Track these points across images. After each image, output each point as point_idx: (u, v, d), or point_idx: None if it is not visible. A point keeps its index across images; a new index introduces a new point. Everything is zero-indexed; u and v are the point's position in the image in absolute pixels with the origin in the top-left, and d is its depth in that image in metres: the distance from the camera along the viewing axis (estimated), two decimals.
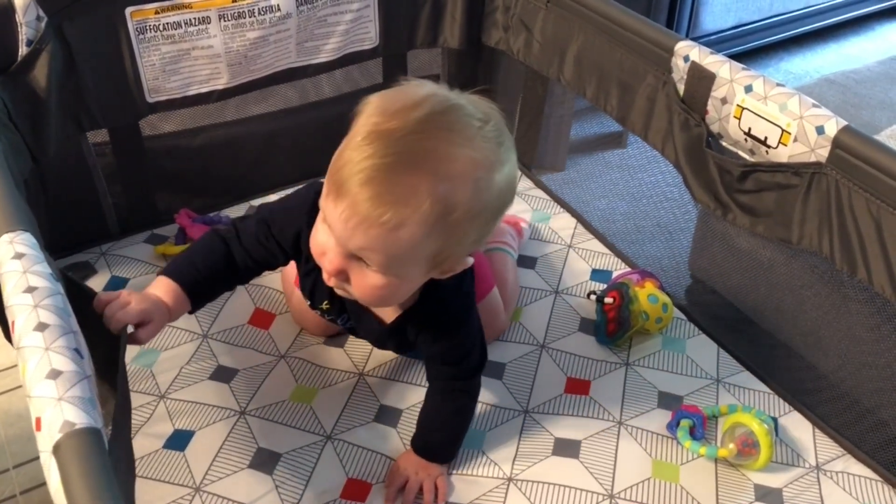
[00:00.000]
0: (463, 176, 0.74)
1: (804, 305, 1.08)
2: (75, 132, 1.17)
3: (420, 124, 0.73)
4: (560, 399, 1.06)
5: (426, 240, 0.75)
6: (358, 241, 0.75)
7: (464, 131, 0.75)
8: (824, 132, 0.94)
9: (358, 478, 0.95)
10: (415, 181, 0.72)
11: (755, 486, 0.96)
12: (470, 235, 0.78)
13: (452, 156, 0.74)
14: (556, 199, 1.42)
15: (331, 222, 0.76)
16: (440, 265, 0.80)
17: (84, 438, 0.57)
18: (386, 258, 0.76)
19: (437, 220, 0.73)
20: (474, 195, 0.75)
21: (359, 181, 0.72)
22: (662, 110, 1.13)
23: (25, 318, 0.65)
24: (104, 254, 1.26)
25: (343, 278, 0.80)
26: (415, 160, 0.72)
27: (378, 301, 0.85)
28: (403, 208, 0.72)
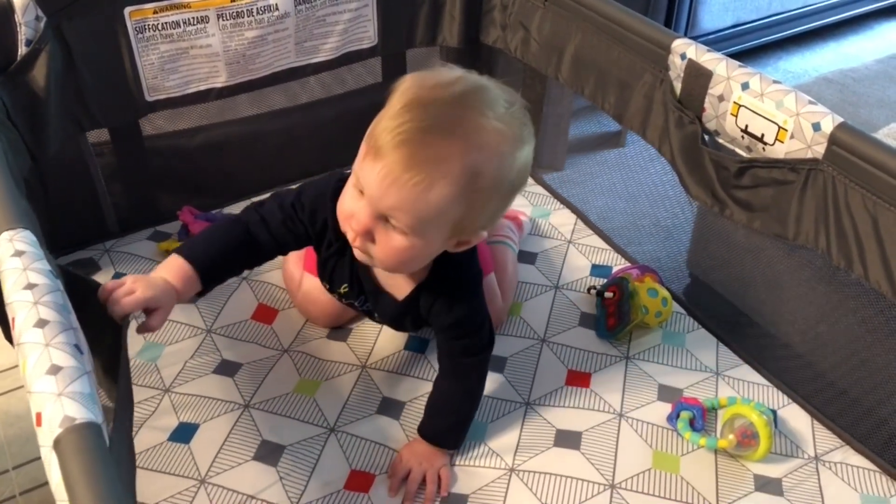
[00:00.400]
0: (491, 147, 0.80)
1: (802, 302, 1.08)
2: (75, 132, 1.18)
3: (455, 97, 0.80)
4: (561, 391, 1.07)
5: (453, 204, 0.80)
6: (390, 199, 0.79)
7: (494, 107, 0.81)
8: (821, 129, 0.94)
9: (361, 469, 0.96)
10: (448, 146, 0.78)
11: (755, 476, 0.97)
12: (490, 206, 0.84)
13: (484, 127, 0.79)
14: (555, 196, 1.43)
15: (366, 182, 0.80)
16: (460, 233, 0.85)
17: (84, 433, 0.57)
18: (414, 219, 0.80)
19: (466, 184, 0.79)
20: (499, 166, 0.81)
21: (397, 143, 0.77)
22: (659, 108, 1.14)
23: (25, 315, 0.65)
24: (108, 251, 1.27)
25: (369, 238, 0.83)
26: (449, 127, 0.78)
27: (398, 264, 0.86)
28: (436, 171, 0.77)
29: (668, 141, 1.13)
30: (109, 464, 0.56)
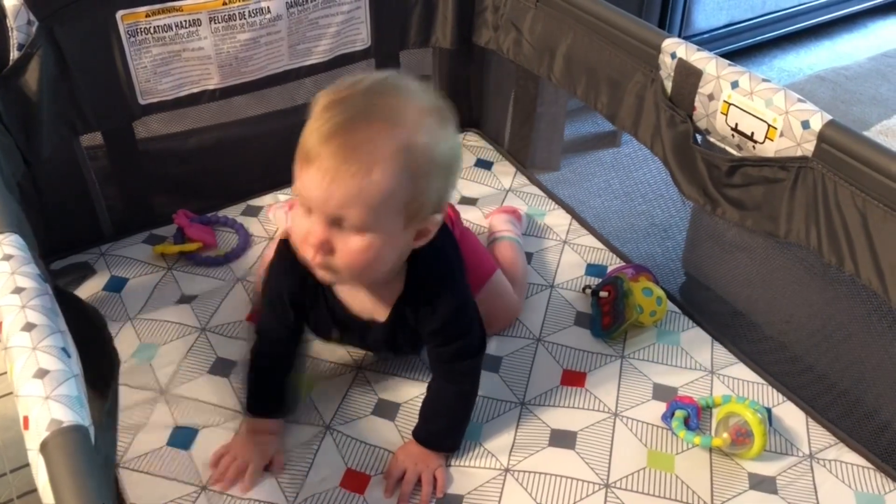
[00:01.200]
0: (415, 122, 0.81)
1: (795, 300, 1.08)
2: (68, 135, 1.18)
3: (367, 87, 0.82)
4: (556, 391, 1.07)
5: (396, 184, 0.79)
6: (336, 197, 0.78)
7: (407, 90, 0.83)
8: (810, 126, 0.94)
9: (357, 469, 0.96)
10: (373, 131, 0.79)
11: (749, 474, 0.97)
12: (434, 184, 0.83)
13: (402, 107, 0.81)
14: (550, 196, 1.43)
15: (308, 191, 0.80)
16: (414, 219, 0.84)
17: (71, 436, 0.57)
18: (364, 211, 0.79)
19: (402, 162, 0.79)
20: (429, 140, 0.81)
21: (324, 139, 0.78)
22: (651, 107, 1.14)
23: (13, 319, 0.65)
24: (103, 254, 1.27)
25: (328, 251, 0.82)
26: (369, 114, 0.79)
27: (364, 268, 0.84)
28: (368, 155, 0.78)
29: (660, 140, 1.13)
30: (96, 466, 0.56)
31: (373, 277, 0.90)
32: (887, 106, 2.11)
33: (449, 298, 0.93)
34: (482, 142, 1.56)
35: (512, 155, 1.52)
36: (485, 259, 1.15)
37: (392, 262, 0.87)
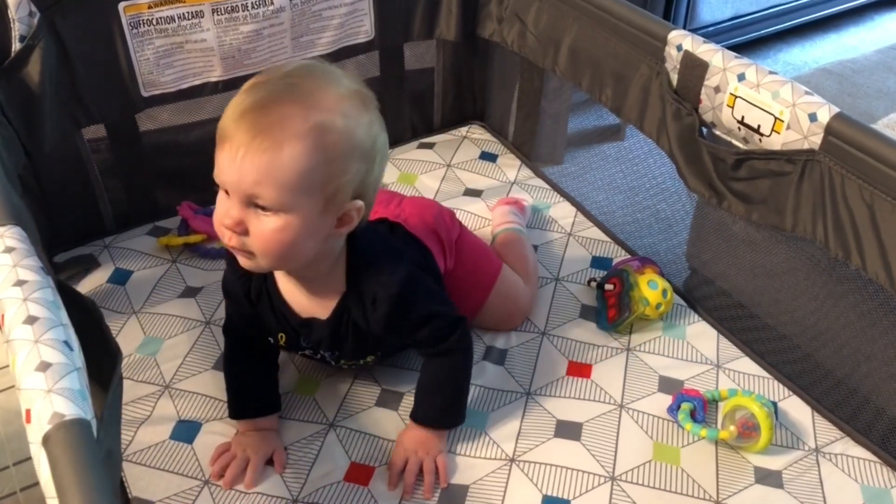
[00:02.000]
0: (333, 106, 0.80)
1: (800, 295, 1.08)
2: (71, 128, 1.17)
3: (289, 72, 0.83)
4: (562, 382, 1.07)
5: (309, 164, 0.79)
6: (249, 174, 0.78)
7: (330, 77, 0.83)
8: (817, 119, 0.93)
9: (361, 462, 0.96)
10: (289, 109, 0.79)
11: (755, 468, 0.97)
12: (352, 167, 0.82)
13: (321, 91, 0.81)
14: (555, 188, 1.42)
15: (223, 172, 0.80)
16: (332, 202, 0.82)
17: (73, 430, 0.57)
18: (277, 188, 0.78)
19: (315, 141, 0.79)
20: (346, 124, 0.81)
21: (235, 118, 0.79)
22: (656, 100, 1.13)
23: (15, 312, 0.65)
24: (107, 246, 1.27)
25: (242, 230, 0.81)
26: (286, 94, 0.80)
27: (280, 251, 0.82)
28: (282, 132, 0.78)
29: (665, 133, 1.12)
30: (98, 460, 0.56)
31: (293, 263, 0.87)
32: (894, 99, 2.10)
33: (388, 289, 0.89)
34: (487, 134, 1.55)
35: (517, 147, 1.52)
36: (489, 259, 1.14)
37: (313, 249, 0.85)
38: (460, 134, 1.55)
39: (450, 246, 1.09)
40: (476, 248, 1.14)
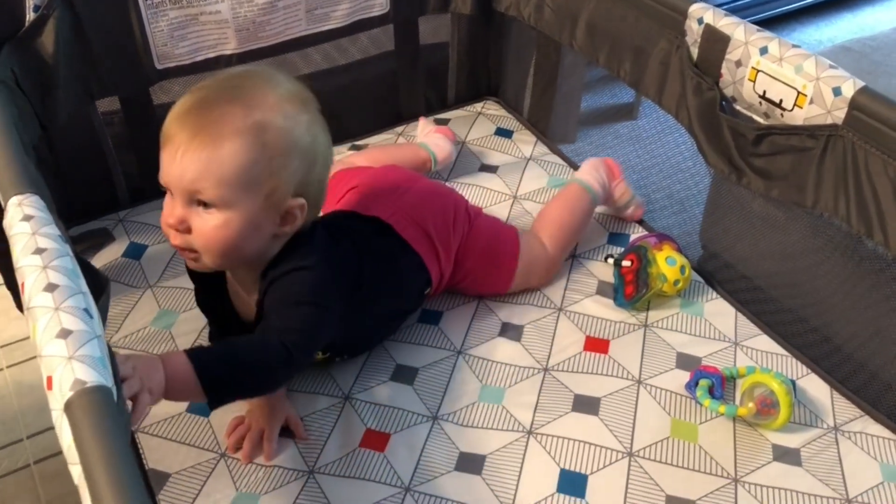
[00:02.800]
0: (273, 106, 0.83)
1: (819, 276, 1.07)
2: (85, 100, 1.17)
3: (231, 76, 0.87)
4: (579, 357, 1.06)
5: (249, 160, 0.81)
6: (189, 171, 0.80)
7: (270, 79, 0.86)
8: (841, 93, 0.92)
9: (376, 429, 0.96)
10: (229, 108, 0.81)
11: (773, 445, 0.96)
12: (293, 165, 0.84)
13: (261, 92, 0.84)
14: (571, 165, 1.41)
15: (166, 172, 0.82)
16: (274, 198, 0.84)
17: (95, 396, 0.57)
18: (216, 183, 0.80)
19: (254, 138, 0.81)
20: (285, 123, 0.83)
21: (180, 120, 0.82)
22: (676, 74, 1.12)
23: (35, 279, 0.64)
24: (121, 220, 1.27)
25: (185, 229, 0.83)
26: (227, 95, 0.83)
27: (222, 247, 0.83)
28: (220, 129, 0.80)
29: (685, 108, 1.11)
30: (120, 426, 0.55)
31: (236, 260, 0.87)
32: None
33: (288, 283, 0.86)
34: (502, 110, 1.54)
35: (532, 124, 1.50)
36: (505, 236, 1.13)
37: (256, 247, 0.86)
38: (475, 110, 1.54)
39: (447, 251, 1.07)
40: (489, 228, 1.13)
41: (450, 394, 1.01)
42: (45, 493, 1.27)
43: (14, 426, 1.37)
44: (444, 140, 1.33)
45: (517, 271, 1.12)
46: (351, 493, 0.89)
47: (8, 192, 0.73)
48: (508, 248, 1.12)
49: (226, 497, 0.89)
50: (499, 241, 1.12)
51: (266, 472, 0.91)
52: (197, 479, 0.91)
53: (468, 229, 1.10)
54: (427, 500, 0.89)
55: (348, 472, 0.91)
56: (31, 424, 1.37)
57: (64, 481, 1.27)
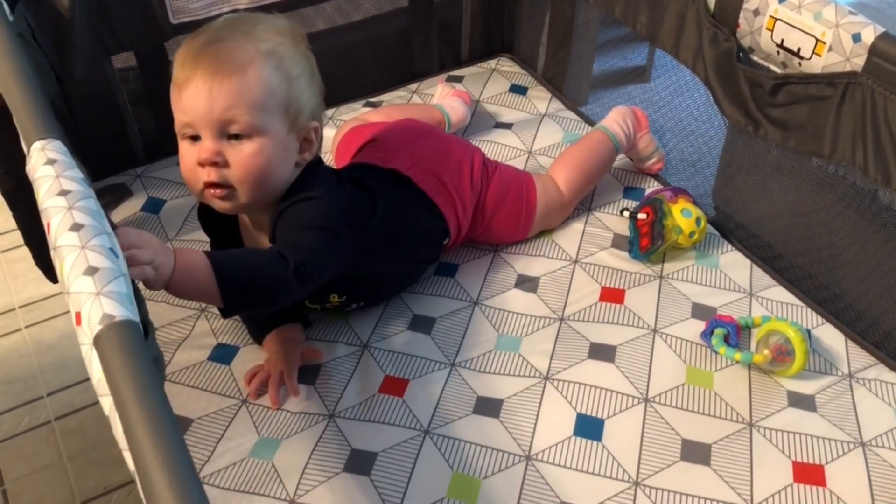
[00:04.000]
0: (274, 38, 0.87)
1: (829, 232, 1.06)
2: (100, 54, 1.17)
3: (225, 19, 0.89)
4: (595, 307, 1.07)
5: (273, 82, 0.84)
6: (220, 102, 0.82)
7: (264, 19, 0.89)
8: (861, 40, 0.91)
9: (395, 375, 0.97)
10: (238, 42, 0.84)
11: (788, 392, 0.97)
12: (304, 85, 0.88)
13: (261, 25, 0.87)
14: (586, 120, 1.41)
15: (189, 113, 0.83)
16: (295, 122, 0.87)
17: (123, 330, 0.57)
18: (249, 109, 0.83)
19: (273, 62, 0.85)
20: (293, 52, 0.87)
21: (192, 62, 0.83)
22: (692, 26, 1.11)
23: (60, 220, 0.65)
24: (139, 176, 1.27)
25: (222, 163, 0.84)
26: (230, 31, 0.86)
27: (260, 174, 0.85)
28: (240, 57, 0.83)
29: (701, 59, 1.10)
30: (148, 359, 0.56)
31: (271, 189, 0.88)
32: None
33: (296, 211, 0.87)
34: (516, 67, 1.53)
35: (547, 80, 1.50)
36: (523, 184, 1.14)
37: (285, 174, 0.88)
38: (489, 66, 1.53)
39: (464, 202, 1.07)
40: (503, 178, 1.13)
41: (467, 342, 1.02)
42: (66, 448, 1.29)
43: (34, 384, 1.39)
44: (459, 102, 1.33)
45: (535, 218, 1.13)
46: (371, 436, 0.91)
47: (31, 137, 0.74)
48: (526, 196, 1.12)
49: (248, 441, 0.90)
50: (517, 191, 1.13)
51: (287, 417, 0.93)
52: (219, 424, 0.92)
53: (487, 181, 1.11)
54: (446, 442, 0.90)
55: (368, 416, 0.93)
56: (51, 382, 1.39)
57: (84, 437, 1.30)
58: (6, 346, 1.45)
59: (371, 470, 0.87)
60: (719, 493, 0.86)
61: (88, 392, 1.36)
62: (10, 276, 1.57)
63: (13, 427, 1.32)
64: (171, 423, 0.52)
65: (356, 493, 0.85)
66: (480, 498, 0.85)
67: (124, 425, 0.53)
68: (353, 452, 0.89)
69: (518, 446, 0.90)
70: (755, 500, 0.86)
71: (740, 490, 0.87)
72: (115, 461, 1.23)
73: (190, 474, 0.48)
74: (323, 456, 0.88)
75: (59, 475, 1.25)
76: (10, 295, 1.53)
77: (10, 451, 1.29)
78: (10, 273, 1.58)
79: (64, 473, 1.26)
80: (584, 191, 1.20)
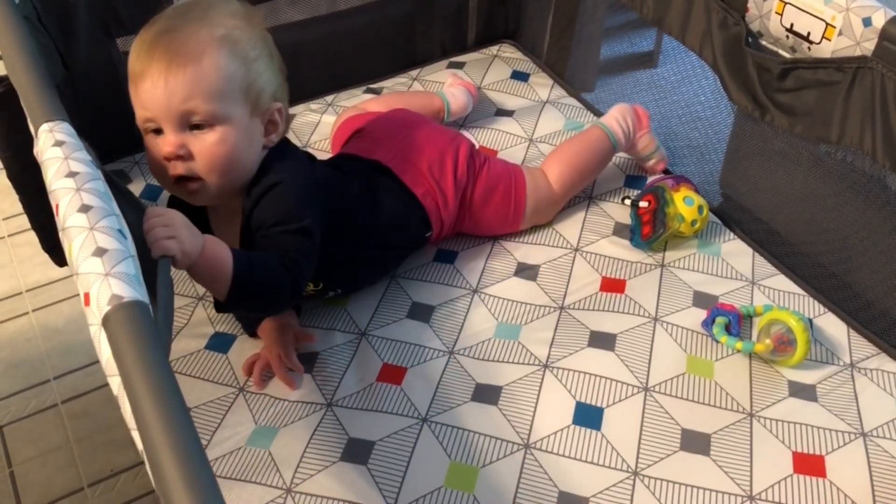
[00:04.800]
0: (229, 22, 0.85)
1: (836, 220, 1.06)
2: (104, 38, 1.16)
3: (174, 7, 0.87)
4: (595, 297, 1.07)
5: (229, 68, 0.83)
6: (178, 94, 0.81)
7: (216, 3, 0.87)
8: (871, 24, 0.91)
9: (393, 363, 0.98)
10: (191, 30, 0.83)
11: (789, 382, 0.97)
12: (267, 71, 0.87)
13: (213, 10, 0.85)
14: (588, 108, 1.40)
15: (148, 107, 0.82)
16: (257, 105, 0.86)
17: (132, 310, 0.57)
18: (207, 98, 0.81)
19: (228, 47, 0.83)
20: (243, 33, 0.85)
21: (146, 54, 0.81)
22: (701, 10, 1.10)
23: (69, 201, 0.65)
24: (137, 163, 1.27)
25: (186, 152, 0.83)
26: (183, 20, 0.84)
27: (225, 162, 0.84)
28: (194, 46, 0.81)
29: (710, 44, 1.10)
30: (157, 339, 0.57)
31: (239, 176, 0.87)
32: None
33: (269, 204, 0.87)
34: (518, 53, 1.53)
35: (550, 66, 1.49)
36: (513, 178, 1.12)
37: (251, 159, 0.88)
38: (491, 53, 1.53)
39: (449, 195, 1.06)
40: (494, 170, 1.12)
41: (465, 330, 1.02)
42: (72, 430, 1.30)
43: (41, 367, 1.40)
44: (462, 91, 1.32)
45: (524, 215, 1.12)
46: (369, 424, 0.91)
47: (38, 119, 0.74)
48: (515, 192, 1.11)
49: (245, 430, 0.91)
50: (507, 187, 1.12)
51: (284, 406, 0.93)
52: (216, 412, 0.93)
53: (474, 175, 1.09)
54: (444, 430, 0.90)
55: (366, 404, 0.93)
56: (57, 366, 1.40)
57: (91, 420, 1.31)
58: (13, 329, 1.45)
59: (368, 459, 0.87)
60: (719, 484, 0.86)
61: (94, 376, 1.37)
62: (17, 261, 1.58)
63: (20, 410, 1.33)
64: (179, 402, 0.52)
65: (353, 482, 0.85)
66: (478, 486, 0.85)
67: (133, 405, 0.53)
68: (350, 441, 0.89)
69: (517, 434, 0.90)
70: (755, 491, 0.86)
71: (740, 481, 0.87)
72: (122, 444, 1.24)
73: (198, 454, 0.49)
74: (320, 444, 0.89)
75: (67, 457, 1.26)
76: (17, 279, 1.54)
77: (18, 434, 1.30)
78: (17, 257, 1.58)
79: (71, 456, 1.27)
80: (577, 188, 1.18)
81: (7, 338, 1.44)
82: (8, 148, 1.01)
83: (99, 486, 1.23)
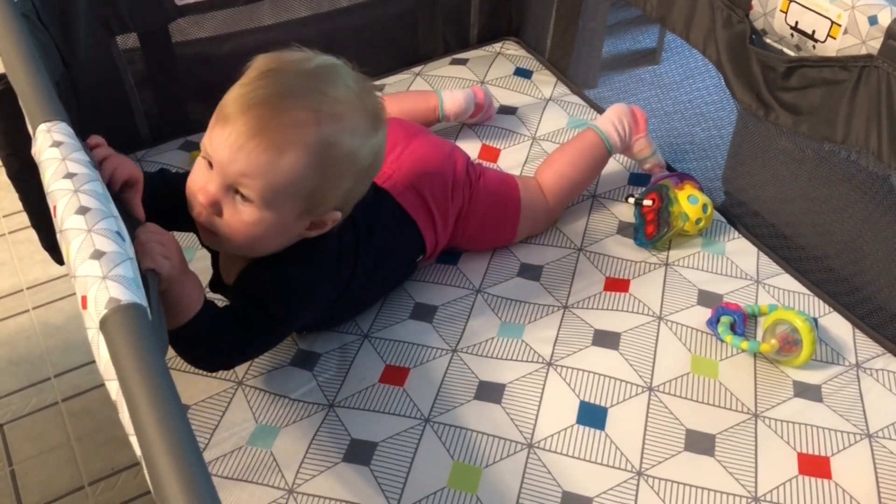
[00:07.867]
0: (345, 118, 0.79)
1: (840, 219, 1.06)
2: (104, 35, 1.16)
3: (310, 69, 0.80)
4: (599, 296, 1.06)
5: (306, 173, 0.78)
6: (240, 164, 0.76)
7: (348, 81, 0.81)
8: (877, 22, 0.90)
9: (396, 364, 0.97)
10: (301, 113, 0.77)
11: (794, 382, 0.96)
12: (344, 183, 0.82)
13: (336, 98, 0.79)
14: (592, 105, 1.39)
15: (214, 150, 0.78)
16: (313, 211, 0.82)
17: (130, 313, 0.57)
18: (265, 186, 0.77)
19: (319, 154, 0.78)
20: (352, 141, 0.80)
21: (247, 107, 0.76)
22: (705, 8, 1.10)
23: (67, 202, 0.65)
24: (139, 160, 1.26)
25: (216, 211, 0.80)
26: (303, 95, 0.78)
27: (245, 241, 0.81)
28: (287, 136, 0.76)
29: (714, 42, 1.09)
30: (156, 343, 0.56)
31: (255, 253, 0.86)
32: None
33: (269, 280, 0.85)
34: (521, 50, 1.52)
35: (553, 64, 1.48)
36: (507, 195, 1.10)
37: (278, 244, 0.84)
38: (494, 50, 1.52)
39: (444, 217, 1.04)
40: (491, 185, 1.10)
41: (469, 330, 1.01)
42: (73, 429, 1.29)
43: (41, 366, 1.39)
44: (463, 94, 1.26)
45: (517, 231, 1.11)
46: (371, 425, 0.90)
47: (37, 119, 0.73)
48: (511, 209, 1.09)
49: (246, 429, 0.90)
50: (502, 203, 1.09)
51: (285, 405, 0.92)
52: (215, 409, 0.92)
53: (469, 192, 1.07)
54: (447, 430, 0.90)
55: (368, 405, 0.92)
56: (58, 364, 1.39)
57: (91, 418, 1.30)
58: (13, 327, 1.45)
59: (371, 460, 0.87)
60: (723, 485, 0.86)
61: (95, 374, 1.37)
62: (17, 258, 1.57)
63: (21, 408, 1.33)
64: (177, 408, 0.52)
65: (356, 484, 0.84)
66: (481, 487, 0.85)
67: (130, 410, 0.53)
68: (352, 442, 0.88)
69: (520, 434, 0.90)
70: (759, 492, 0.85)
71: (744, 482, 0.86)
72: (122, 442, 1.24)
73: (196, 460, 0.48)
74: (322, 445, 0.88)
75: (67, 456, 1.26)
76: (18, 276, 1.54)
77: (18, 432, 1.29)
78: (17, 254, 1.58)
79: (71, 454, 1.26)
80: (570, 199, 1.17)
81: (7, 335, 1.44)
82: (7, 146, 1.00)
83: (99, 485, 1.22)
